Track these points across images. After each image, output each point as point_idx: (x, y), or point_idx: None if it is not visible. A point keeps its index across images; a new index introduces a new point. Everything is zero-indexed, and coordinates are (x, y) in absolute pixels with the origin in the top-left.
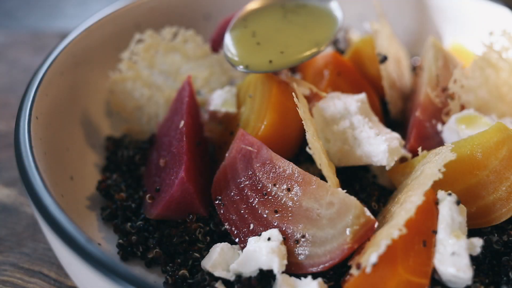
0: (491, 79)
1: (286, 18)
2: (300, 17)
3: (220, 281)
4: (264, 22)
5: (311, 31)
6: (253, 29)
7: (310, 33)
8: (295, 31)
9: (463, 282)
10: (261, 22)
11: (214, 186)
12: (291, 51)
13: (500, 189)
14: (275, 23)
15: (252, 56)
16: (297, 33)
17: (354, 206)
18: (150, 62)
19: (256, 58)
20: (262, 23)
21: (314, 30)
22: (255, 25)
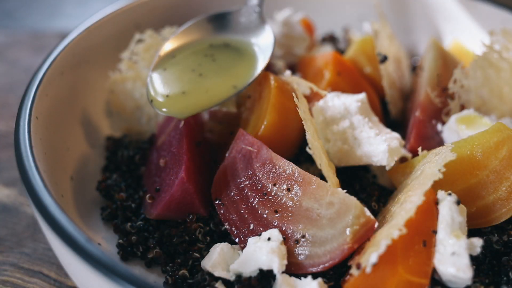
0: (492, 79)
1: (211, 57)
2: (223, 56)
3: (220, 281)
4: (188, 60)
5: (231, 73)
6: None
7: (229, 75)
8: (215, 72)
9: (463, 282)
10: (187, 60)
11: (214, 186)
12: (212, 93)
13: (500, 189)
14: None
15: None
16: (217, 75)
17: (354, 206)
18: (150, 62)
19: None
20: (187, 61)
21: (234, 72)
22: (177, 64)
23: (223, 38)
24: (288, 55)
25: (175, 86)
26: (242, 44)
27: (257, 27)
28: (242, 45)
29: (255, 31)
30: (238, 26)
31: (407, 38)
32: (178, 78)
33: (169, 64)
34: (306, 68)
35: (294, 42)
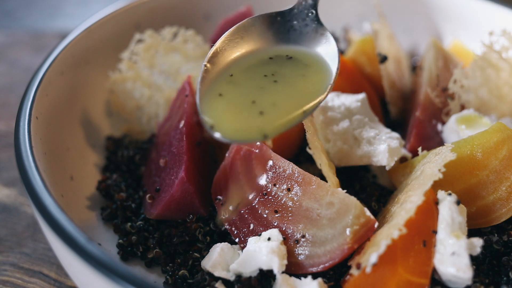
0: (491, 79)
1: (273, 76)
2: (287, 74)
3: (220, 281)
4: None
5: (296, 95)
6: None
7: (296, 98)
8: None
9: (463, 282)
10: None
11: (214, 186)
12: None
13: (500, 189)
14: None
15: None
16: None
17: (354, 206)
18: (150, 62)
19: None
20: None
21: (300, 92)
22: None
23: (281, 49)
24: None
25: (236, 114)
26: (304, 55)
27: (315, 32)
28: (304, 56)
29: (314, 36)
30: (294, 32)
31: (407, 38)
32: (239, 104)
33: (226, 88)
34: None
35: None
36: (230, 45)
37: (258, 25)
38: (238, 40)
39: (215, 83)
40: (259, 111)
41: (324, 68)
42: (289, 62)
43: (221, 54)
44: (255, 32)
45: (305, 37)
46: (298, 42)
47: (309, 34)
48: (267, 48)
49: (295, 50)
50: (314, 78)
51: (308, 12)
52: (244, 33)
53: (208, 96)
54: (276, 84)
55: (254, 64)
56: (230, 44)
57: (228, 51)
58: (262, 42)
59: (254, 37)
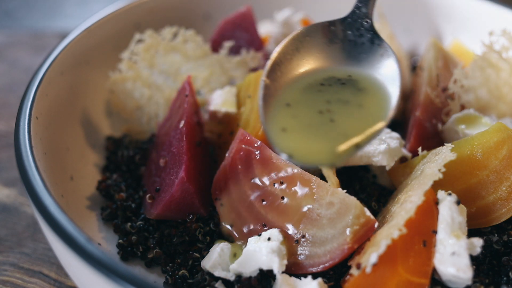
0: (491, 79)
1: (329, 111)
2: (343, 108)
3: (220, 281)
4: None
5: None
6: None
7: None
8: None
9: (463, 282)
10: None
11: (214, 186)
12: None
13: (500, 189)
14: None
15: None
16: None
17: (354, 206)
18: (150, 62)
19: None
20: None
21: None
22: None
23: (336, 68)
24: None
25: (304, 146)
26: (360, 76)
27: (371, 42)
28: (360, 77)
29: (370, 48)
30: (349, 42)
31: (407, 38)
32: (304, 138)
33: (287, 121)
34: None
35: None
36: (286, 58)
37: (312, 35)
38: (293, 52)
39: (274, 111)
40: (324, 141)
41: (382, 91)
42: (344, 89)
43: (278, 68)
44: (309, 43)
45: (360, 49)
46: (353, 56)
47: (364, 45)
48: (322, 65)
49: (351, 70)
50: (372, 108)
51: (362, 22)
52: (299, 44)
53: (273, 129)
54: (332, 122)
55: (308, 89)
56: (286, 56)
57: (285, 65)
58: (316, 54)
59: (308, 49)
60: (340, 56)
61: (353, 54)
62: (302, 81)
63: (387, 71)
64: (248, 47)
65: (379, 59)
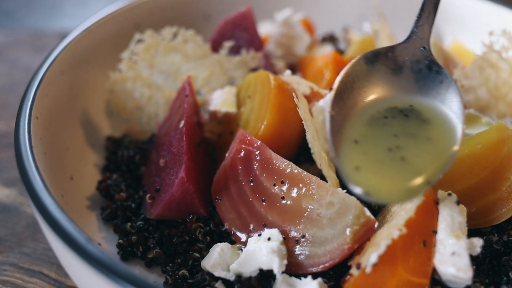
0: (491, 79)
1: (398, 148)
2: (411, 143)
3: (220, 281)
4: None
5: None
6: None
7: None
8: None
9: (463, 282)
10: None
11: (214, 186)
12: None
13: (500, 189)
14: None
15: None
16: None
17: (354, 206)
18: (150, 62)
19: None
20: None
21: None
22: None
23: (396, 98)
24: (288, 55)
25: (380, 182)
26: (422, 106)
27: (429, 69)
28: (422, 108)
29: (428, 74)
30: (407, 69)
31: None
32: (380, 174)
33: (359, 159)
34: (306, 68)
35: (294, 42)
36: (347, 86)
37: (370, 62)
38: (354, 81)
39: (344, 148)
40: (398, 179)
41: (446, 121)
42: (409, 121)
43: (340, 99)
44: (368, 71)
45: (418, 76)
46: (412, 83)
47: (422, 72)
48: (383, 94)
49: (411, 99)
50: (439, 140)
51: (419, 47)
52: (359, 72)
53: (347, 167)
54: (403, 160)
55: (373, 122)
56: (347, 85)
57: (346, 94)
58: (376, 82)
59: (368, 77)
60: (399, 84)
61: (412, 82)
62: (365, 112)
63: (448, 98)
64: (248, 47)
65: (438, 86)
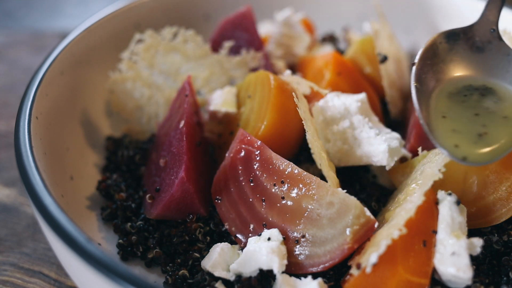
0: None
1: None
2: (492, 118)
3: (220, 281)
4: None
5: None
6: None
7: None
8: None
9: (463, 282)
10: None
11: (214, 186)
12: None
13: (500, 189)
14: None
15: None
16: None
17: (354, 206)
18: (150, 62)
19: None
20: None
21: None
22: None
23: (471, 77)
24: (288, 55)
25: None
26: (495, 86)
27: (498, 50)
28: (496, 88)
29: (497, 55)
30: (477, 50)
31: (407, 38)
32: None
33: (446, 127)
34: (306, 68)
35: (294, 42)
36: (427, 63)
37: (446, 41)
38: (432, 56)
39: (435, 123)
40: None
41: None
42: (485, 100)
43: (422, 72)
44: (444, 50)
45: (489, 56)
46: (484, 63)
47: (492, 52)
48: (458, 73)
49: (484, 79)
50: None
51: (490, 29)
52: (436, 50)
53: (447, 144)
54: (487, 135)
55: (454, 99)
56: (427, 61)
57: (427, 69)
58: (451, 61)
59: (444, 56)
60: (473, 64)
61: (485, 62)
62: (445, 89)
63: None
64: (248, 47)
65: (507, 65)
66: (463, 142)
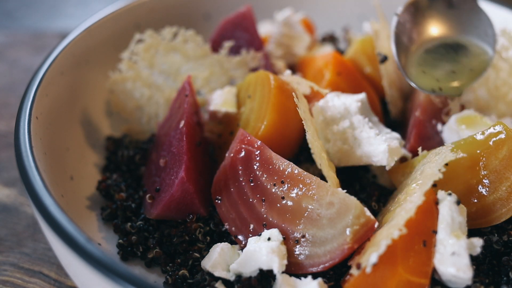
0: (491, 79)
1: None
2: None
3: (220, 281)
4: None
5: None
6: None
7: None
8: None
9: (463, 282)
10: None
11: (214, 186)
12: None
13: (500, 189)
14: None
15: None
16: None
17: (354, 206)
18: (150, 62)
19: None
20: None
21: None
22: None
23: (447, 36)
24: (288, 55)
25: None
26: (468, 43)
27: (471, 12)
28: (468, 44)
29: (472, 18)
30: (453, 12)
31: None
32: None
33: (427, 80)
34: (306, 68)
35: (294, 42)
36: (408, 16)
37: (423, 2)
38: (413, 12)
39: (411, 68)
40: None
41: (483, 51)
42: (458, 55)
43: (404, 24)
44: (422, 9)
45: (462, 14)
46: (458, 21)
47: (465, 11)
48: (433, 30)
49: (459, 36)
50: (478, 66)
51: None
52: (417, 5)
53: (426, 85)
54: (454, 73)
55: (432, 54)
56: (408, 14)
57: (407, 22)
58: (429, 20)
59: (421, 14)
60: (448, 21)
61: (458, 19)
62: (422, 45)
63: (484, 32)
64: (248, 47)
65: (477, 23)
66: (432, 78)
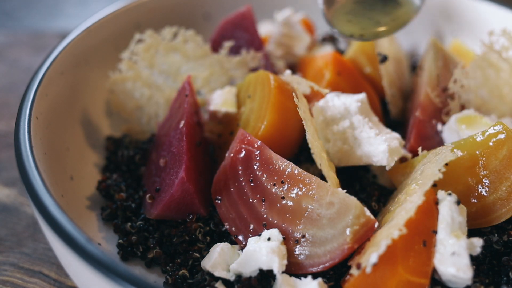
0: (491, 79)
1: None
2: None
3: (220, 281)
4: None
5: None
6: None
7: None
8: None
9: (463, 282)
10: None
11: (214, 186)
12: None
13: (500, 189)
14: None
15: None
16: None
17: (354, 206)
18: (150, 62)
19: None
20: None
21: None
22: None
23: None
24: (288, 55)
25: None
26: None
27: None
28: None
29: None
30: None
31: (407, 38)
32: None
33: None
34: (306, 68)
35: (294, 42)
36: None
37: None
38: None
39: (340, 24)
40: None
41: (411, 3)
42: (386, 6)
43: None
44: None
45: None
46: None
47: None
48: None
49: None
50: (403, 16)
51: None
52: None
53: (346, 33)
54: (378, 23)
55: (360, 4)
56: None
57: None
58: None
59: None
60: None
61: None
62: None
63: None
64: (248, 47)
65: None
66: (356, 26)
